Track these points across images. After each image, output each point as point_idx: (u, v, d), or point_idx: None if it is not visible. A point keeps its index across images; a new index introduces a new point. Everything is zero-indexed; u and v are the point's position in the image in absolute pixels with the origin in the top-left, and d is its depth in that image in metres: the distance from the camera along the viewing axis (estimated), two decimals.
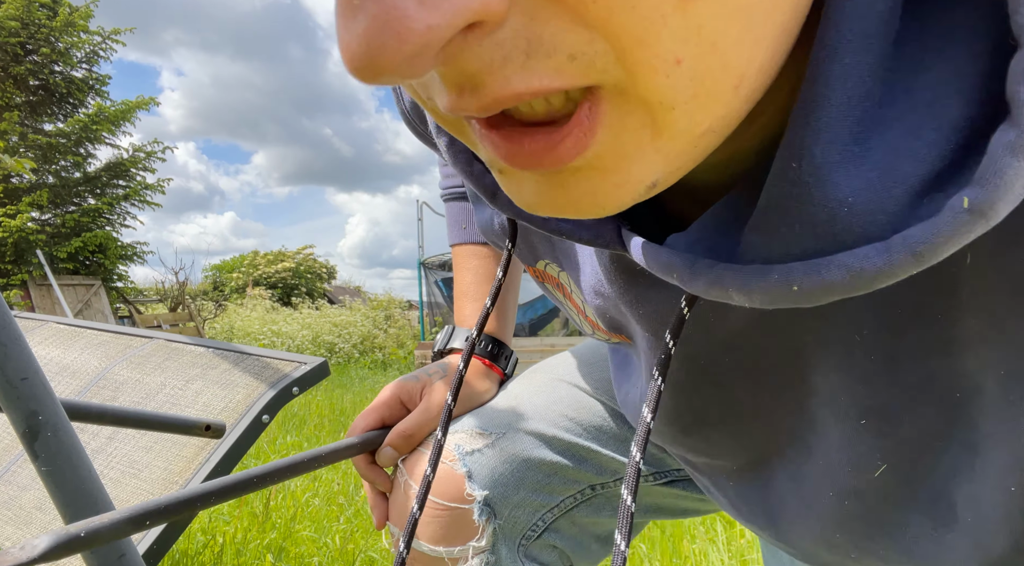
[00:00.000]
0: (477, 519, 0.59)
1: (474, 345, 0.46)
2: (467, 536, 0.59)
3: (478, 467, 0.60)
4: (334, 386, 7.33)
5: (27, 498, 1.15)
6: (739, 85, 0.21)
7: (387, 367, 10.77)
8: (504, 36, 0.19)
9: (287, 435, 3.65)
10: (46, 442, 0.47)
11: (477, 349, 0.70)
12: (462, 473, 0.60)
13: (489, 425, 0.63)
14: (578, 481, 0.63)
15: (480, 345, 0.70)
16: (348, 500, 2.34)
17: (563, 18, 0.19)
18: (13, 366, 0.46)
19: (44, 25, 10.26)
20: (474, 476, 0.60)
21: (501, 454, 0.61)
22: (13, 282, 9.55)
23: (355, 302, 14.76)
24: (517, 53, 0.19)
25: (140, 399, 1.22)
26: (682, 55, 0.19)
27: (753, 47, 0.20)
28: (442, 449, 0.47)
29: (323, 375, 1.15)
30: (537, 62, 0.19)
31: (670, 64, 0.19)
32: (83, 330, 1.51)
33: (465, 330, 0.72)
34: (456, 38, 0.19)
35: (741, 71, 0.21)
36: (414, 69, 0.18)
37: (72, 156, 10.70)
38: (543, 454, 0.62)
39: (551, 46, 0.19)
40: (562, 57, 0.19)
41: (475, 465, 0.60)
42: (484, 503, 0.59)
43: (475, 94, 0.20)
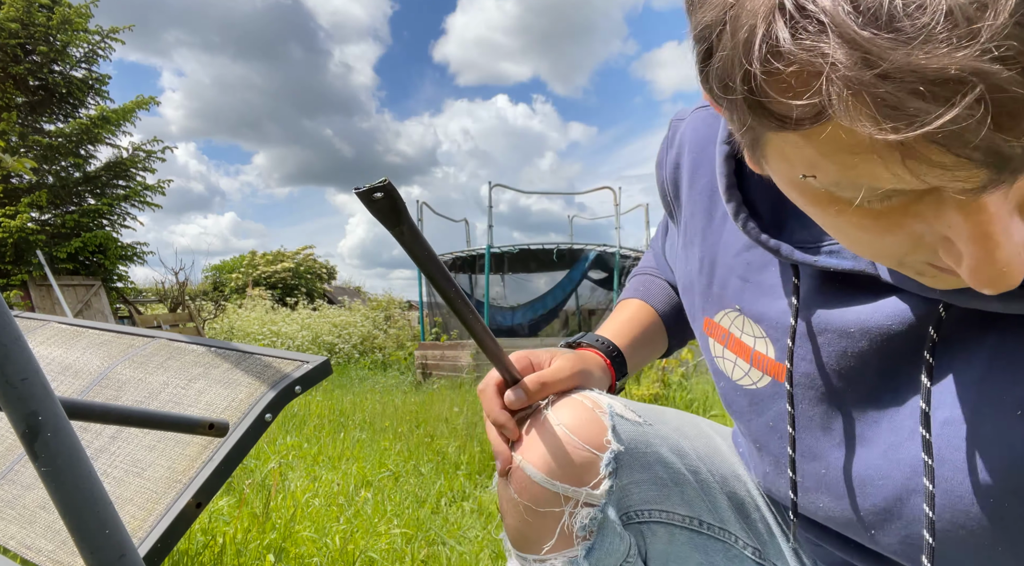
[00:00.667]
0: (603, 468, 0.61)
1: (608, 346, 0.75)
2: (586, 481, 0.61)
3: (621, 430, 0.64)
4: (334, 386, 7.32)
5: (30, 497, 1.15)
6: None
7: (387, 368, 10.77)
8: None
9: (287, 435, 3.65)
10: (46, 442, 0.47)
11: (604, 350, 0.78)
12: (607, 424, 0.63)
13: (641, 413, 0.68)
14: (694, 507, 0.67)
15: (607, 346, 0.79)
16: (348, 500, 2.33)
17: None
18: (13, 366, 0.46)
19: (43, 25, 10.26)
20: (617, 432, 0.63)
21: (643, 435, 0.65)
22: (13, 282, 9.54)
23: (355, 302, 14.75)
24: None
25: (143, 398, 1.21)
26: None
27: None
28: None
29: (325, 374, 1.14)
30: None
31: None
32: (85, 330, 1.50)
33: (596, 336, 0.81)
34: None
35: None
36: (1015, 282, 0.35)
37: (72, 156, 10.69)
38: (677, 464, 0.66)
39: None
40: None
41: (620, 426, 0.64)
42: (615, 458, 0.62)
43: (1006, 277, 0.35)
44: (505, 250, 10.79)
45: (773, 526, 0.71)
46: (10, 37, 9.94)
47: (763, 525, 0.70)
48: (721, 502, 0.68)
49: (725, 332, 0.62)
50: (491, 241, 10.49)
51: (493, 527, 2.03)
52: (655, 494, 0.65)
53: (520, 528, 0.64)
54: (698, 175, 0.64)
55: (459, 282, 12.13)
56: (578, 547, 0.61)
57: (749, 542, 0.69)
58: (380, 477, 2.72)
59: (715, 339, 0.63)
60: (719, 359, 0.63)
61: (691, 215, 0.66)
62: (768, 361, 0.57)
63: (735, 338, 0.61)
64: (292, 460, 3.02)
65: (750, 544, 0.69)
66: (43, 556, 1.05)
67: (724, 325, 0.62)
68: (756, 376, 0.59)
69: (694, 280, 0.67)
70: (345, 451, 3.27)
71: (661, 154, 0.72)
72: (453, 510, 2.28)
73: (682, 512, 0.66)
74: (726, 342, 0.62)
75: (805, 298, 0.54)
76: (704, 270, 0.64)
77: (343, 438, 3.62)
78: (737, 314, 0.60)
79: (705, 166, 0.64)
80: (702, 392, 5.03)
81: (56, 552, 1.05)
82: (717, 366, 0.64)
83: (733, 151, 0.56)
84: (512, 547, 0.66)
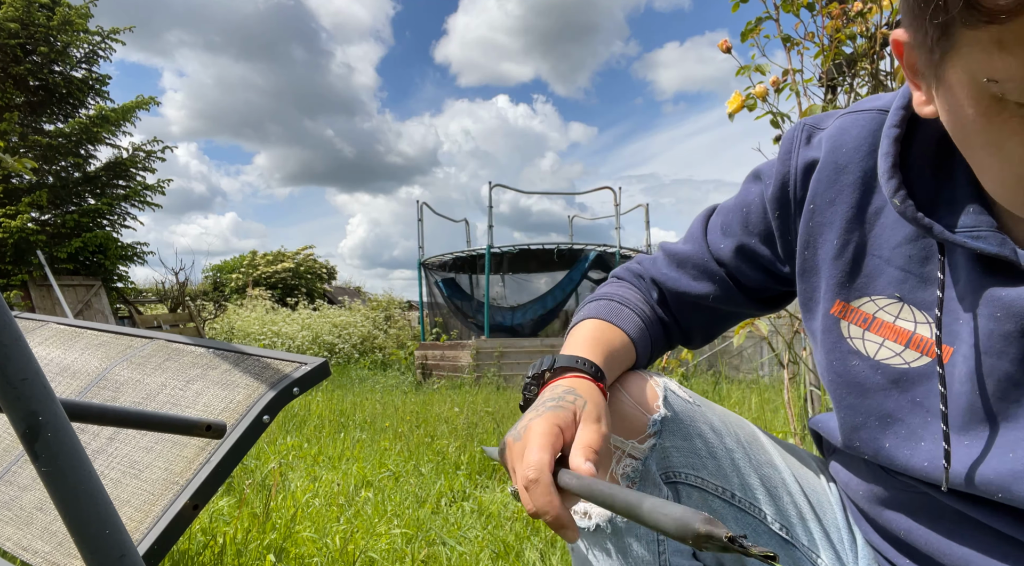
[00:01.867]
0: (650, 427, 0.72)
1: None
2: (634, 436, 0.72)
3: (671, 402, 0.74)
4: (334, 387, 7.32)
5: (28, 498, 1.15)
6: None
7: (387, 368, 10.76)
8: None
9: (287, 436, 3.65)
10: (46, 443, 0.47)
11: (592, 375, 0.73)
12: (659, 393, 0.73)
13: (692, 397, 0.77)
14: (727, 480, 0.75)
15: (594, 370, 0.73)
16: (348, 501, 2.33)
17: None
18: (13, 367, 0.46)
19: (43, 25, 10.26)
20: (668, 401, 0.73)
21: (689, 411, 0.75)
22: (13, 282, 9.54)
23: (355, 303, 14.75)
24: None
25: (141, 399, 1.21)
26: None
27: None
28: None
29: (324, 375, 1.14)
30: None
31: None
32: (83, 331, 1.50)
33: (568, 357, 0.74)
34: None
35: None
36: None
37: (72, 156, 10.69)
38: (715, 442, 0.75)
39: None
40: None
41: (670, 398, 0.74)
42: (661, 420, 0.72)
43: None
44: (505, 250, 10.79)
45: (806, 510, 0.77)
46: (10, 37, 9.94)
47: (794, 509, 0.76)
48: (753, 482, 0.75)
49: (869, 317, 0.69)
50: (491, 241, 10.49)
51: (493, 527, 2.03)
52: (692, 461, 0.74)
53: None
54: (847, 171, 0.71)
55: (459, 282, 12.15)
56: None
57: (777, 519, 0.75)
58: (380, 477, 2.72)
59: (851, 322, 0.70)
60: (856, 340, 0.70)
61: (829, 203, 0.71)
62: (931, 343, 0.65)
63: (886, 323, 0.68)
64: (292, 460, 3.02)
65: (778, 521, 0.75)
66: (40, 557, 1.05)
67: (868, 310, 0.69)
68: (911, 357, 0.66)
69: (821, 266, 0.72)
70: (345, 451, 3.27)
71: (793, 148, 0.77)
72: (453, 510, 2.28)
73: (715, 482, 0.74)
74: (869, 326, 0.69)
75: (962, 286, 0.62)
76: (844, 257, 0.70)
77: (343, 438, 3.62)
78: (895, 302, 0.67)
79: (856, 163, 0.70)
80: (701, 392, 5.03)
81: (53, 553, 1.05)
82: (852, 346, 0.70)
83: (901, 135, 0.64)
84: None
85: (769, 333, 2.10)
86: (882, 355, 0.68)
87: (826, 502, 0.79)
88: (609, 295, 0.88)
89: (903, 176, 0.64)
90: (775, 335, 2.19)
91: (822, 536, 0.76)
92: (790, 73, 2.04)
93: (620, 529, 0.72)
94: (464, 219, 12.60)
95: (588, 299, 0.91)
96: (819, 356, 0.75)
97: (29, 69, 10.24)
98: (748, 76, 2.01)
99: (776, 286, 0.84)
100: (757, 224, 0.80)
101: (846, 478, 0.76)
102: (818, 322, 0.73)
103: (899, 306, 0.67)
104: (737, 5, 2.13)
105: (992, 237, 0.58)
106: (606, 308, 0.85)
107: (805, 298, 0.76)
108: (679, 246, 0.90)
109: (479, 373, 8.24)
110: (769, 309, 0.89)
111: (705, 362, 8.79)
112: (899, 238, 0.67)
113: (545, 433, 0.60)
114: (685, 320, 0.90)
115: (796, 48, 2.04)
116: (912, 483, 0.67)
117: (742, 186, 0.84)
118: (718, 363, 8.75)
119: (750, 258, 0.82)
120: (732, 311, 0.88)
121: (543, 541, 1.86)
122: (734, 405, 4.90)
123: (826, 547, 0.75)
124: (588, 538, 0.74)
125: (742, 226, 0.82)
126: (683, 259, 0.88)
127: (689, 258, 0.87)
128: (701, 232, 0.88)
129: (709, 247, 0.86)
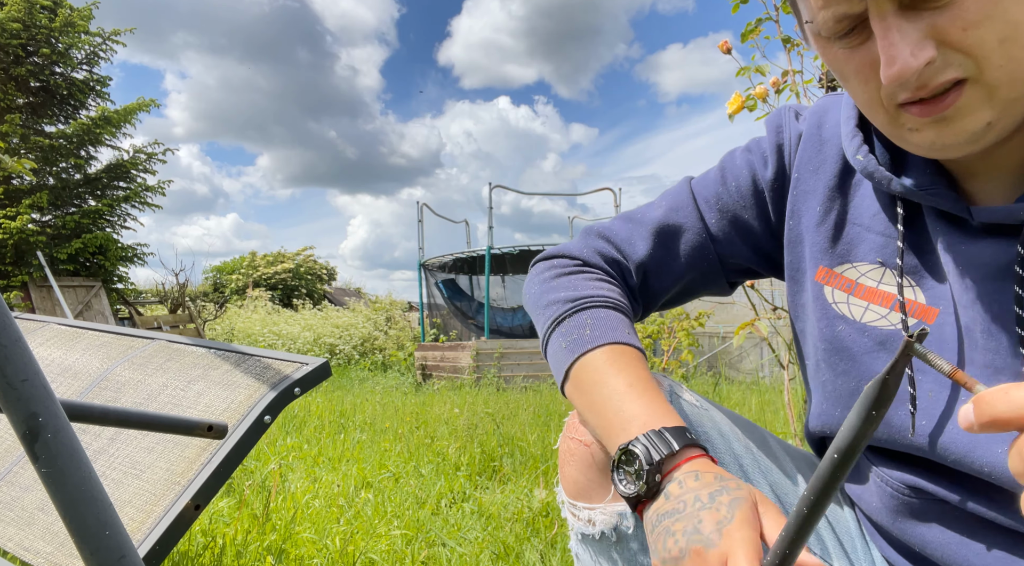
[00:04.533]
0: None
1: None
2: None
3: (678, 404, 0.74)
4: (334, 388, 7.32)
5: (29, 499, 1.15)
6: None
7: (387, 369, 10.76)
8: (935, 64, 0.52)
9: (287, 436, 3.65)
10: (46, 444, 0.47)
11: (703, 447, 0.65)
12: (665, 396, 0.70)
13: (701, 402, 0.78)
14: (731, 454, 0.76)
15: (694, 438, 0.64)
16: (348, 502, 2.33)
17: (957, 55, 0.52)
18: (13, 367, 0.46)
19: (45, 26, 10.27)
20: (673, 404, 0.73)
21: (697, 415, 0.75)
22: (13, 283, 9.55)
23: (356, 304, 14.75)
24: (939, 69, 0.53)
25: (142, 400, 1.21)
26: (1003, 62, 0.52)
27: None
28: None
29: (324, 376, 1.14)
30: (947, 71, 0.52)
31: (1000, 68, 0.52)
32: (85, 331, 1.50)
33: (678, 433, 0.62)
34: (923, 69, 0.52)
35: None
36: (909, 77, 0.52)
37: (73, 157, 10.69)
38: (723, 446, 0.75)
39: (951, 64, 0.52)
40: (956, 69, 0.52)
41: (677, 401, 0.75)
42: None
43: (921, 88, 0.53)
44: (506, 251, 10.79)
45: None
46: (12, 38, 9.94)
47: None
48: (763, 487, 0.74)
49: (852, 282, 0.70)
50: (491, 242, 10.49)
51: (493, 528, 2.03)
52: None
53: (577, 479, 0.72)
54: (831, 143, 0.73)
55: (460, 283, 12.15)
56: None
57: None
58: (380, 478, 2.72)
59: (835, 287, 0.71)
60: (841, 305, 0.71)
61: (813, 172, 0.74)
62: (917, 305, 0.66)
63: (869, 288, 0.69)
64: (292, 461, 3.02)
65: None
66: (41, 558, 1.05)
67: (851, 276, 0.70)
68: (896, 318, 0.66)
69: (805, 234, 0.74)
70: (345, 452, 3.27)
71: (784, 122, 0.79)
72: (453, 511, 2.28)
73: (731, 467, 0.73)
74: (852, 291, 0.70)
75: (941, 248, 0.63)
76: (826, 224, 0.72)
77: (343, 439, 3.62)
78: (877, 267, 0.69)
79: (839, 137, 0.72)
80: (701, 392, 5.02)
81: (55, 554, 1.05)
82: (837, 311, 0.71)
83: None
84: (567, 497, 0.74)
85: (769, 334, 2.09)
86: (868, 318, 0.68)
87: (838, 510, 0.77)
88: (595, 299, 0.77)
89: (866, 136, 0.67)
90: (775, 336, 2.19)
91: (836, 545, 0.74)
92: (790, 74, 2.04)
93: (626, 537, 0.71)
94: (464, 220, 12.62)
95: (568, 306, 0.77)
96: (810, 327, 0.74)
97: (30, 70, 10.25)
98: (748, 77, 2.01)
99: (756, 264, 0.82)
100: (748, 197, 0.78)
101: (858, 491, 0.75)
102: (808, 292, 0.74)
103: (881, 271, 0.68)
104: (737, 6, 2.13)
105: (946, 195, 0.61)
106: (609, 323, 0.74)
107: (792, 269, 0.76)
108: (659, 215, 0.81)
109: (479, 374, 8.24)
110: (730, 291, 0.88)
111: (705, 363, 8.79)
112: (878, 206, 0.69)
113: (750, 541, 0.51)
114: (652, 296, 0.84)
115: (796, 49, 2.04)
116: (925, 492, 0.66)
117: (724, 162, 0.81)
118: (718, 364, 8.74)
119: (743, 232, 0.79)
120: (699, 289, 0.86)
121: (543, 542, 1.86)
122: (734, 406, 4.90)
123: (840, 556, 0.73)
124: (593, 546, 0.73)
125: (734, 199, 0.79)
126: (671, 232, 0.80)
127: (677, 230, 0.80)
128: (691, 201, 0.81)
129: (704, 218, 0.80)
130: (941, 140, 0.55)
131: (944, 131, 0.55)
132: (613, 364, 0.69)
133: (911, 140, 0.58)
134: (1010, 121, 0.55)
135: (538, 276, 0.85)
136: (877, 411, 0.40)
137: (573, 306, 0.77)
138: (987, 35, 0.51)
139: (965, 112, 0.54)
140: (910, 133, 0.57)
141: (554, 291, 0.80)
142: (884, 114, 0.58)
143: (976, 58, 0.52)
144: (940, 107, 0.54)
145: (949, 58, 0.52)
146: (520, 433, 3.54)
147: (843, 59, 0.58)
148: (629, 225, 0.83)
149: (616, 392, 0.67)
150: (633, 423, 0.63)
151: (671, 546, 0.55)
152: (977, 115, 0.54)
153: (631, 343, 0.72)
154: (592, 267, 0.83)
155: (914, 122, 0.56)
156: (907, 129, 0.57)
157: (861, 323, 0.69)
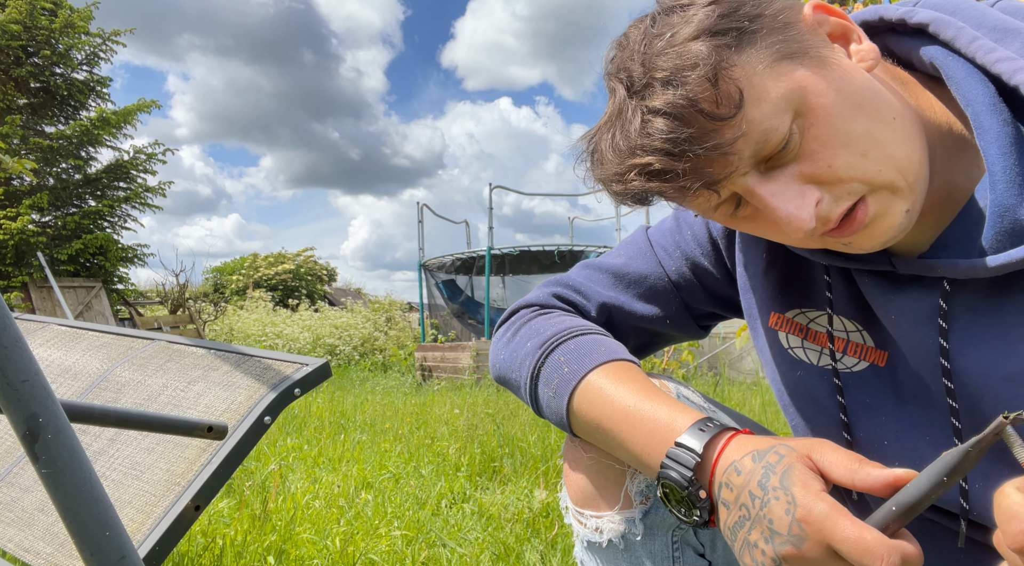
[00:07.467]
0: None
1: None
2: None
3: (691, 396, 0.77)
4: (334, 388, 7.32)
5: (29, 500, 1.15)
6: (913, 161, 0.56)
7: (387, 369, 10.76)
8: (825, 202, 0.56)
9: (287, 437, 3.65)
10: (46, 444, 0.47)
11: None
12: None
13: (705, 404, 0.79)
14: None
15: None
16: (348, 502, 2.33)
17: (839, 186, 0.55)
18: (13, 368, 0.46)
19: (45, 28, 10.27)
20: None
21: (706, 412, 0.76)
22: (14, 284, 9.55)
23: (356, 304, 14.75)
24: (834, 202, 0.56)
25: (142, 401, 1.21)
26: (880, 167, 0.55)
27: (908, 148, 0.56)
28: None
29: (325, 376, 1.14)
30: (841, 202, 0.56)
31: (881, 173, 0.55)
32: (85, 332, 1.50)
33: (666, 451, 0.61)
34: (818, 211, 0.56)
35: (908, 157, 0.56)
36: (808, 226, 0.55)
37: (73, 158, 10.70)
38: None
39: (844, 193, 0.56)
40: (848, 196, 0.56)
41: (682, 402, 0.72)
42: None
43: (827, 222, 0.56)
44: (506, 252, 10.79)
45: None
46: (12, 39, 9.95)
47: None
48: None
49: (803, 327, 0.72)
50: (491, 243, 10.49)
51: (493, 529, 2.02)
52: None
53: (584, 487, 0.72)
54: None
55: (460, 284, 12.15)
56: (635, 509, 0.70)
57: None
58: (381, 479, 2.71)
59: (788, 333, 0.73)
60: (797, 349, 0.73)
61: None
62: (867, 349, 0.68)
63: (820, 333, 0.70)
64: (292, 462, 3.02)
65: None
66: (41, 559, 1.05)
67: (800, 322, 0.72)
68: (851, 362, 0.68)
69: (754, 282, 0.75)
70: (345, 453, 3.27)
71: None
72: (454, 512, 2.28)
73: None
74: (805, 335, 0.72)
75: (877, 299, 0.65)
76: (773, 272, 0.73)
77: (343, 440, 3.62)
78: (824, 314, 0.70)
79: None
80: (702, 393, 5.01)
81: (55, 555, 1.05)
82: (794, 356, 0.73)
83: None
84: (572, 504, 0.74)
85: None
86: (824, 362, 0.70)
87: None
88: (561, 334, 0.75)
89: None
90: None
91: None
92: None
93: (634, 544, 0.70)
94: (464, 221, 12.62)
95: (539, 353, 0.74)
96: (770, 372, 0.76)
97: (31, 71, 10.26)
98: None
99: (719, 308, 0.83)
100: (705, 244, 0.80)
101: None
102: (763, 338, 0.75)
103: (828, 317, 0.70)
104: None
105: (868, 256, 0.63)
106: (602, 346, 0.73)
107: (748, 316, 0.78)
108: (620, 263, 0.83)
109: (479, 374, 8.24)
110: (703, 333, 0.86)
111: (706, 364, 8.79)
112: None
113: (824, 513, 0.48)
114: (621, 337, 0.83)
115: None
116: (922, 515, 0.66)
117: (678, 212, 0.82)
118: (719, 364, 8.74)
119: (703, 278, 0.81)
120: (670, 334, 0.85)
121: (543, 543, 1.86)
122: (736, 407, 4.89)
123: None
124: (600, 554, 0.72)
125: (691, 246, 0.80)
126: (632, 279, 0.81)
127: (640, 278, 0.81)
128: (649, 249, 0.82)
129: (663, 265, 0.81)
130: (872, 241, 0.58)
131: (872, 234, 0.57)
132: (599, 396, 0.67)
133: (849, 250, 0.60)
134: (923, 194, 0.57)
135: (500, 340, 0.83)
136: (949, 478, 0.45)
137: (542, 352, 0.74)
138: (850, 159, 0.53)
139: (881, 214, 0.56)
140: (844, 247, 0.60)
141: (519, 346, 0.77)
142: (813, 243, 0.60)
143: (856, 179, 0.54)
144: (856, 225, 0.56)
145: (835, 191, 0.55)
146: (520, 433, 3.54)
147: (750, 224, 0.60)
148: (588, 271, 0.85)
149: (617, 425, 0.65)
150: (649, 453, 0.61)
151: (760, 558, 0.52)
152: (893, 211, 0.56)
153: (608, 359, 0.70)
154: (549, 308, 0.82)
155: (842, 240, 0.58)
156: (840, 244, 0.59)
157: (819, 367, 0.70)
